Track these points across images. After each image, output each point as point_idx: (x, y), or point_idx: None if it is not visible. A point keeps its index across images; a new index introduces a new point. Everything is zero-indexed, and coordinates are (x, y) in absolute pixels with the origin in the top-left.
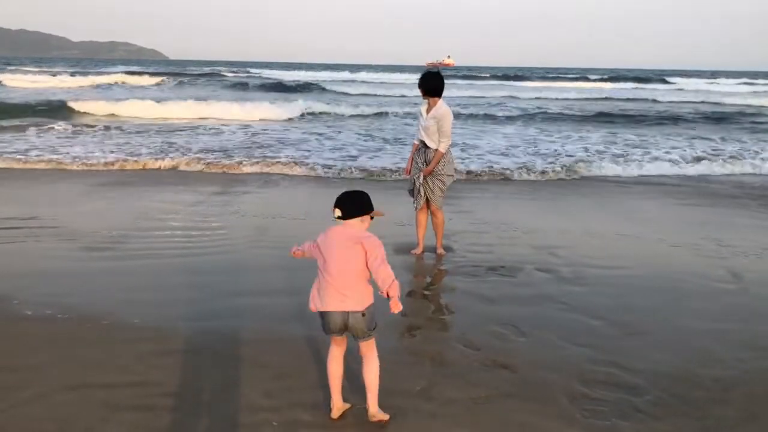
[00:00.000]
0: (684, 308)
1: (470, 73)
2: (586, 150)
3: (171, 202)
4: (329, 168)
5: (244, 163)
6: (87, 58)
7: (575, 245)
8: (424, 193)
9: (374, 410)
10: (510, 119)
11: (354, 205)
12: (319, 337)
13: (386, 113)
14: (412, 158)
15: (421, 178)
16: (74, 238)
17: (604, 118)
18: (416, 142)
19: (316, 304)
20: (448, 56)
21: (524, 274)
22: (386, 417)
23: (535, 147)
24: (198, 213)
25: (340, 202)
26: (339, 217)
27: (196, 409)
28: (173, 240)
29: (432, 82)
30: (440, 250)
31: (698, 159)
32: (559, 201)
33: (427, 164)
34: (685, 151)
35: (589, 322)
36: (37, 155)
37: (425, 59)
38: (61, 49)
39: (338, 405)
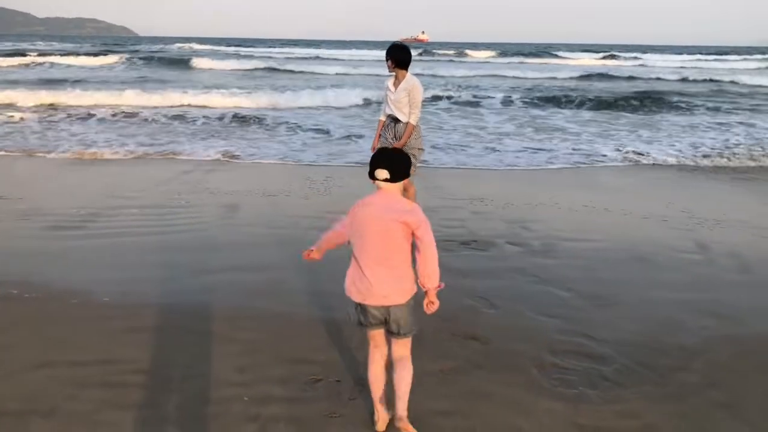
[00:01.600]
0: (652, 279)
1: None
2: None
3: (140, 180)
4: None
5: None
6: (53, 35)
7: (547, 219)
8: None
9: (405, 419)
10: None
11: (403, 165)
12: (289, 313)
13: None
14: (380, 135)
15: None
16: (42, 216)
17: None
18: (382, 119)
19: (353, 295)
20: (423, 32)
21: (496, 248)
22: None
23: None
24: (168, 191)
25: (386, 162)
26: (385, 180)
27: (166, 385)
28: (143, 218)
29: (402, 54)
30: None
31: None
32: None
33: (397, 139)
34: None
35: (559, 294)
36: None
37: (399, 35)
38: (25, 25)
39: (383, 416)
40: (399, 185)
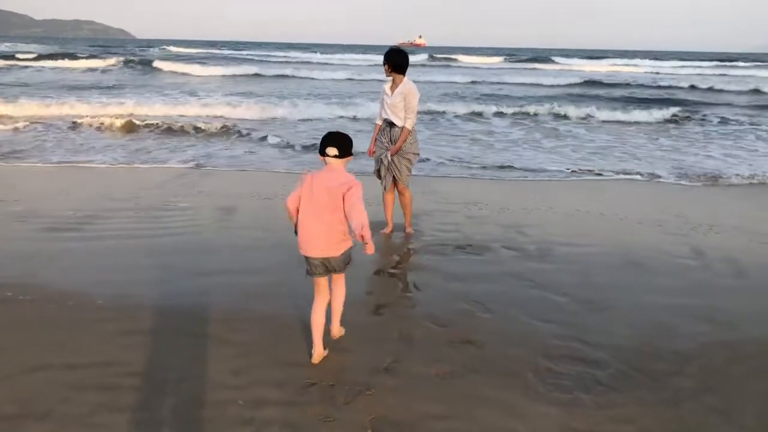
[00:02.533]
0: (646, 284)
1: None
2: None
3: (136, 182)
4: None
5: None
6: (49, 36)
7: (543, 224)
8: (393, 172)
9: (336, 330)
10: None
11: (347, 144)
12: (286, 316)
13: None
14: (375, 139)
15: (389, 157)
16: (38, 218)
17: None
18: (379, 123)
19: (302, 250)
20: (420, 36)
21: (491, 252)
22: (343, 332)
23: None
24: (164, 194)
25: (334, 141)
26: (335, 156)
27: (161, 388)
28: (139, 220)
29: (399, 59)
30: (409, 230)
31: None
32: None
33: (392, 143)
34: None
35: (555, 299)
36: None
37: (397, 39)
38: (22, 27)
39: (319, 352)
40: (344, 161)
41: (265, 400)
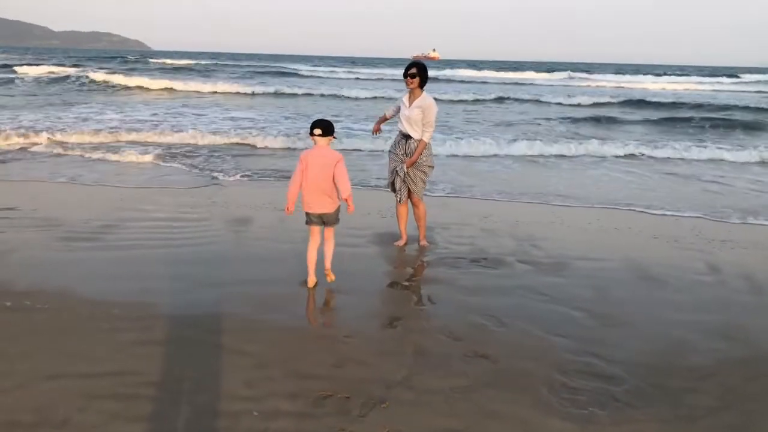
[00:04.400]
0: (662, 299)
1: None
2: None
3: (151, 192)
4: None
5: None
6: (67, 47)
7: (557, 238)
8: (408, 185)
9: (329, 272)
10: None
11: (330, 126)
12: (299, 327)
13: None
14: (380, 125)
15: (405, 169)
16: (55, 228)
17: None
18: (387, 114)
19: (304, 206)
20: (434, 50)
21: (506, 266)
22: (334, 277)
23: None
24: (179, 204)
25: (319, 124)
26: (319, 135)
27: (176, 398)
28: (154, 230)
29: (424, 73)
30: (424, 242)
31: None
32: None
33: (408, 155)
34: None
35: (569, 313)
36: None
37: (411, 53)
38: (42, 38)
39: (312, 279)
40: (328, 139)
41: (280, 412)
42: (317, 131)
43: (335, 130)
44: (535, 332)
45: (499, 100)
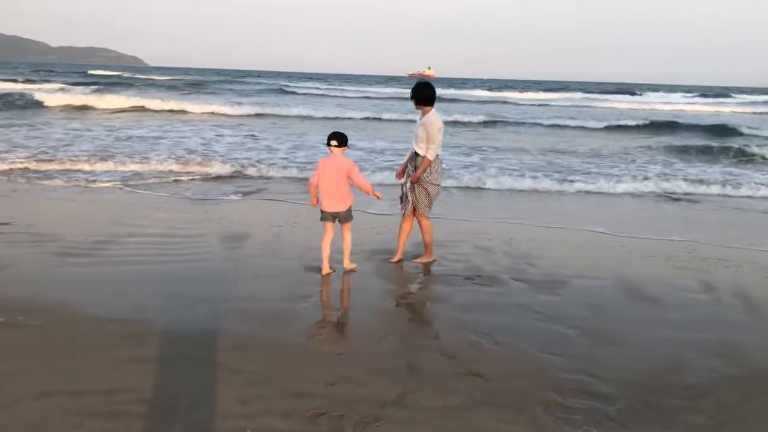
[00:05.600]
0: (657, 318)
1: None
2: None
3: (146, 208)
4: None
5: None
6: (63, 62)
7: (552, 255)
8: (412, 200)
9: (348, 262)
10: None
11: (344, 138)
12: (294, 344)
13: None
14: (406, 165)
15: (408, 184)
16: (50, 243)
17: None
18: (411, 152)
19: (321, 206)
20: (429, 67)
21: (501, 283)
22: (355, 266)
23: None
24: (174, 219)
25: (335, 136)
26: (335, 146)
27: (169, 415)
28: (149, 246)
29: (421, 92)
30: (426, 258)
31: None
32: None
33: (415, 171)
34: None
35: (564, 331)
36: None
37: (407, 70)
38: (39, 54)
39: (326, 268)
40: (342, 149)
41: (274, 430)
42: (333, 142)
43: (348, 141)
44: (530, 350)
45: (556, 127)
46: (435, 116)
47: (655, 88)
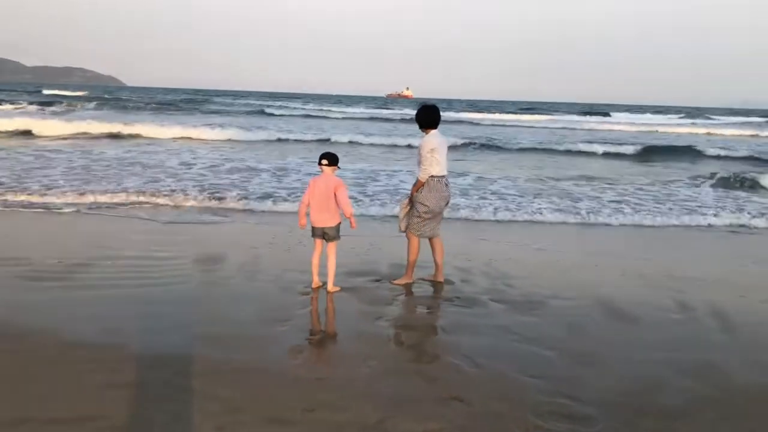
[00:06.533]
0: (634, 338)
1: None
2: None
3: (121, 230)
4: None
5: None
6: (39, 82)
7: (530, 276)
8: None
9: (331, 286)
10: None
11: (334, 158)
12: (273, 370)
13: None
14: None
15: (403, 201)
16: (21, 267)
17: None
18: None
19: (311, 222)
20: (407, 88)
21: (480, 305)
22: (339, 288)
23: None
24: (149, 241)
25: (326, 156)
26: (326, 165)
27: None
28: (124, 269)
29: (417, 115)
30: (404, 280)
31: None
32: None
33: None
34: None
35: (543, 353)
36: None
37: (385, 91)
38: (15, 73)
39: (316, 281)
40: (333, 168)
41: None
42: (324, 161)
43: (339, 160)
44: (509, 373)
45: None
46: (428, 137)
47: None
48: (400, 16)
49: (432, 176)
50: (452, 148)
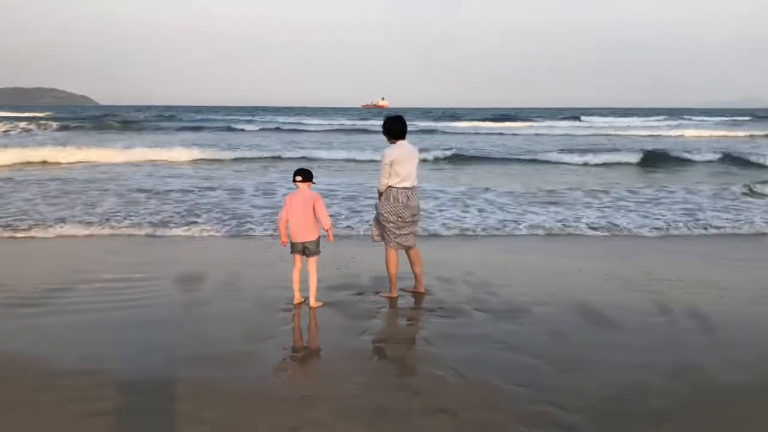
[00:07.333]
0: (617, 343)
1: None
2: None
3: (99, 254)
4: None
5: None
6: (9, 105)
7: (512, 283)
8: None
9: (313, 302)
10: None
11: (308, 174)
12: (255, 389)
13: None
14: None
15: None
16: None
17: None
18: None
19: (291, 237)
20: (382, 98)
21: (463, 314)
22: (321, 303)
23: None
24: (127, 263)
25: (301, 172)
26: (300, 181)
27: None
28: (102, 292)
29: (383, 127)
30: (388, 294)
31: None
32: None
33: None
34: None
35: (527, 361)
36: None
37: (360, 101)
38: None
39: (297, 297)
40: (307, 184)
41: None
42: (299, 177)
43: (314, 176)
44: (494, 382)
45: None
46: (389, 149)
47: (590, 112)
48: (373, 27)
49: (390, 186)
50: (424, 158)
